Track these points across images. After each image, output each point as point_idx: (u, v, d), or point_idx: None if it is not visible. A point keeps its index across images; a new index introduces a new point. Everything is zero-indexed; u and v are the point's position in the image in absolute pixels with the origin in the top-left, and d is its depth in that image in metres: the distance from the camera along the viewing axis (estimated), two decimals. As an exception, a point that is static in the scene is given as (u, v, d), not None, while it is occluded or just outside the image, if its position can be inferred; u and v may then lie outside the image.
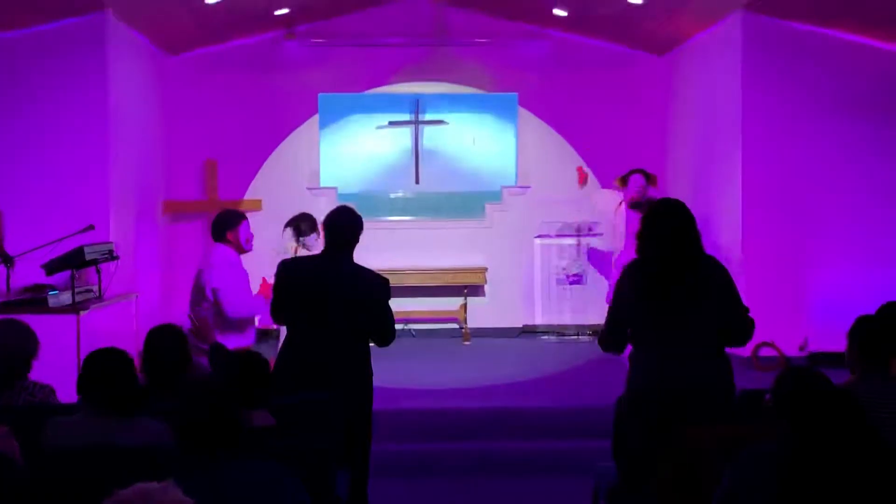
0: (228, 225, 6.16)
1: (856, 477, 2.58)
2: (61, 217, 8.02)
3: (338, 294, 4.83)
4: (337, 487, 4.17)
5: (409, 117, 11.09)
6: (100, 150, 8.56)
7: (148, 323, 7.69)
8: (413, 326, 10.90)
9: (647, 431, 4.24)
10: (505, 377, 8.34)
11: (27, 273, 7.32)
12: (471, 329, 10.68)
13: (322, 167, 10.99)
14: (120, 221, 8.76)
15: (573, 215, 10.55)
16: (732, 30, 9.05)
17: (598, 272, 10.38)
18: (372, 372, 5.03)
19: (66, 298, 6.65)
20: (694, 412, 4.10)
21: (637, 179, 8.73)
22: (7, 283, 7.10)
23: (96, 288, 7.09)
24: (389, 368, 8.53)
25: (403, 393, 7.67)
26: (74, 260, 6.76)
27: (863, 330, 4.06)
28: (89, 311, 6.63)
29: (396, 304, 10.49)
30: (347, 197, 10.69)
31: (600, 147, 11.04)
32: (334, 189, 10.89)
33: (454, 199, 11.11)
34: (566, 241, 10.63)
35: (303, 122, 11.03)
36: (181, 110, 10.73)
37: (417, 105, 11.07)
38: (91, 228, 7.54)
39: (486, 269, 10.71)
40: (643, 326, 4.44)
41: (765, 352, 8.63)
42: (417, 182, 11.12)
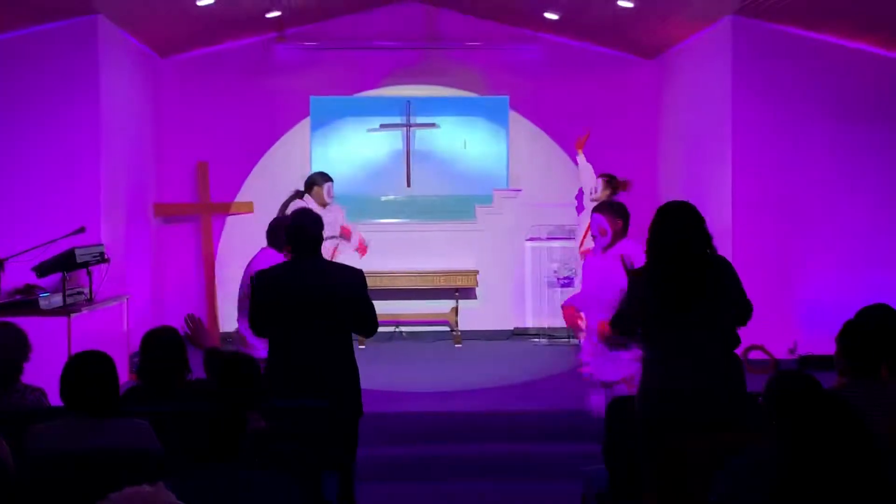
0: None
1: (848, 482, 2.59)
2: (52, 219, 8.01)
3: (316, 295, 4.84)
4: (326, 491, 4.18)
5: (401, 120, 11.10)
6: (91, 153, 8.55)
7: (139, 325, 7.72)
8: (404, 329, 10.91)
9: (650, 438, 4.21)
10: (496, 380, 8.35)
11: (18, 275, 7.32)
12: (462, 332, 10.69)
13: (313, 170, 10.96)
14: (111, 224, 8.75)
15: (564, 218, 10.57)
16: (723, 34, 9.08)
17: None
18: (358, 373, 5.05)
19: (57, 300, 6.66)
20: (711, 416, 4.09)
21: (599, 184, 8.65)
22: (-3, 286, 7.10)
23: (87, 290, 7.10)
24: (380, 371, 8.59)
25: (394, 396, 7.68)
26: (65, 262, 6.76)
27: (852, 334, 4.08)
28: (80, 314, 6.64)
29: (388, 307, 10.62)
30: (339, 199, 10.65)
31: (591, 150, 11.03)
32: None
33: (445, 202, 11.12)
34: (557, 244, 10.65)
35: (294, 125, 11.03)
36: (172, 113, 10.73)
37: (409, 108, 11.08)
38: (82, 231, 7.54)
39: (478, 272, 10.72)
40: (660, 330, 4.38)
41: (754, 355, 8.65)
42: (409, 185, 11.13)
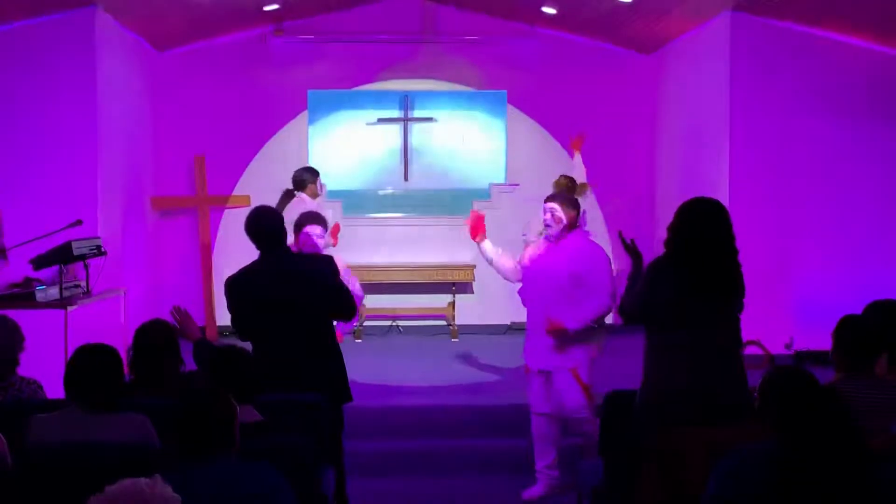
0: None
1: (839, 477, 2.60)
2: (49, 212, 8.00)
3: (289, 290, 4.85)
4: (322, 485, 4.18)
5: (399, 114, 11.09)
6: (88, 146, 8.55)
7: (135, 318, 7.71)
8: (401, 323, 10.92)
9: (645, 433, 4.18)
10: (492, 374, 8.36)
11: (15, 268, 7.31)
12: (458, 326, 10.70)
13: (310, 164, 10.95)
14: (108, 217, 8.74)
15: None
16: (721, 29, 9.08)
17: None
18: (342, 358, 5.06)
19: (54, 293, 6.64)
20: (713, 412, 4.09)
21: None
22: (-6, 278, 7.09)
23: (84, 283, 7.08)
24: (376, 365, 8.61)
25: (390, 390, 7.69)
26: (62, 255, 6.74)
27: (848, 329, 4.09)
28: (77, 307, 6.62)
29: (385, 301, 10.63)
30: (336, 194, 10.71)
31: (589, 145, 11.04)
32: (322, 186, 10.87)
33: (443, 197, 11.11)
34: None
35: (292, 119, 11.03)
36: (170, 106, 10.72)
37: (406, 102, 11.08)
38: (79, 223, 7.52)
39: (475, 267, 10.71)
40: (675, 325, 4.32)
41: (750, 350, 8.65)
42: (406, 179, 11.13)
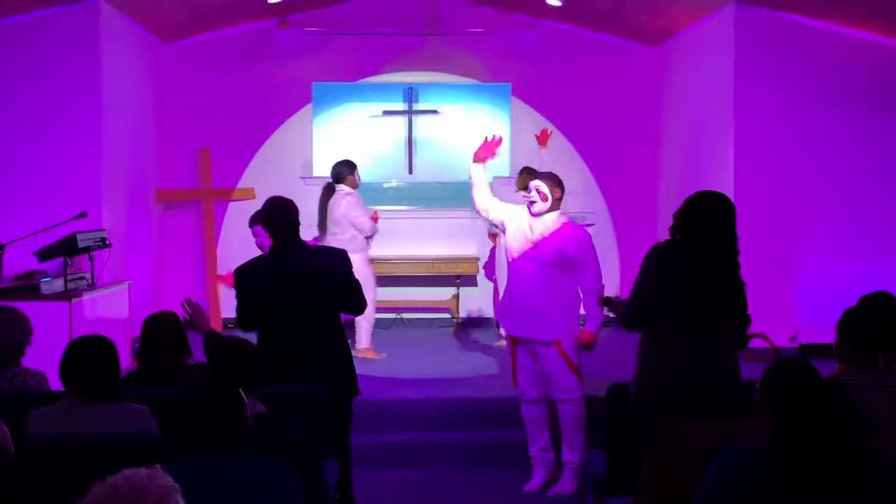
0: None
1: (839, 471, 2.59)
2: (54, 204, 8.02)
3: (302, 282, 4.84)
4: (326, 477, 4.19)
5: (403, 107, 11.08)
6: (92, 138, 8.56)
7: (140, 310, 7.74)
8: (405, 316, 10.93)
9: (646, 425, 4.19)
10: (496, 366, 8.36)
11: (20, 260, 7.33)
12: (462, 318, 10.70)
13: (315, 156, 10.98)
14: (112, 209, 8.76)
15: (566, 205, 10.53)
16: (725, 21, 9.06)
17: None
18: (351, 352, 5.06)
19: (59, 285, 6.67)
20: (716, 407, 4.08)
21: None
22: (-1, 270, 7.12)
23: (89, 275, 7.11)
24: (381, 358, 8.62)
25: (394, 382, 7.70)
26: (67, 247, 6.77)
27: (851, 322, 4.08)
28: (81, 299, 6.65)
29: (389, 293, 10.63)
30: (340, 186, 10.69)
31: (594, 137, 11.07)
32: (327, 178, 10.87)
33: (447, 189, 11.09)
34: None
35: (296, 111, 11.02)
36: (174, 98, 10.72)
37: (411, 94, 11.06)
38: (83, 216, 7.55)
39: (479, 259, 10.72)
40: (673, 318, 4.33)
41: (756, 343, 8.66)
42: (411, 172, 11.12)
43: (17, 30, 8.46)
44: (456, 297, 10.78)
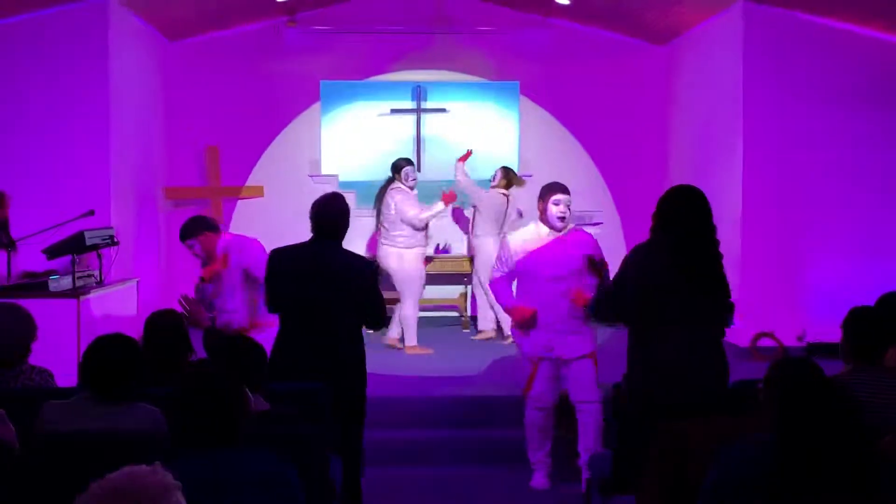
0: None
1: (840, 471, 2.58)
2: (62, 202, 8.05)
3: (329, 283, 4.85)
4: (330, 474, 4.19)
5: (411, 105, 11.08)
6: (101, 136, 8.58)
7: (148, 308, 7.71)
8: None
9: (647, 424, 4.20)
10: (504, 365, 8.35)
11: (28, 258, 7.35)
12: (471, 317, 10.69)
13: (323, 154, 11.00)
14: (121, 207, 8.78)
15: (575, 203, 10.51)
16: (734, 19, 9.04)
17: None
18: (365, 359, 5.06)
19: (67, 283, 6.67)
20: (703, 401, 4.10)
21: (498, 174, 9.62)
22: (8, 268, 7.12)
23: (97, 273, 7.11)
24: (388, 355, 8.62)
25: (402, 380, 7.69)
26: (75, 245, 6.77)
27: (857, 321, 4.07)
28: (89, 296, 6.66)
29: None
30: (349, 184, 10.69)
31: (602, 136, 11.05)
32: (335, 176, 10.89)
33: (455, 187, 11.07)
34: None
35: (305, 109, 11.04)
36: (182, 96, 10.74)
37: (419, 93, 11.06)
38: (91, 213, 7.56)
39: (487, 257, 10.71)
40: (660, 316, 4.36)
41: (764, 342, 8.65)
42: (419, 170, 11.09)
43: (26, 27, 8.49)
44: (464, 296, 10.77)
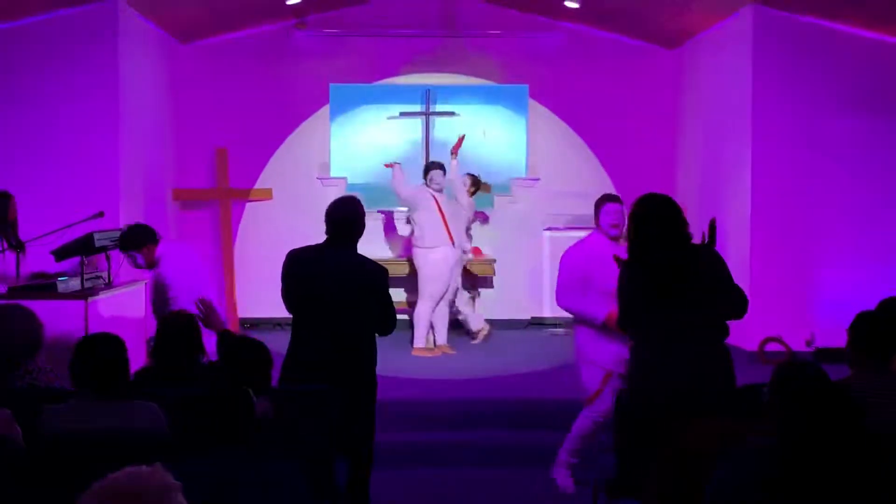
0: None
1: (844, 473, 2.58)
2: (71, 203, 8.06)
3: (341, 287, 4.85)
4: (336, 477, 4.20)
5: (420, 108, 11.09)
6: (110, 138, 8.62)
7: (155, 310, 7.74)
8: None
9: (651, 426, 4.23)
10: (513, 369, 8.36)
11: (37, 259, 7.37)
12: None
13: (332, 157, 11.02)
14: (130, 208, 8.80)
15: (582, 207, 10.52)
16: (743, 24, 9.03)
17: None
18: (376, 363, 5.05)
19: (75, 284, 6.69)
20: (701, 405, 4.10)
21: (467, 181, 9.84)
22: (17, 269, 7.14)
23: (105, 274, 7.13)
24: (397, 358, 8.62)
25: (410, 383, 7.70)
26: (84, 246, 6.79)
27: (863, 326, 4.06)
28: (98, 298, 6.67)
29: (405, 295, 10.57)
30: (357, 187, 10.70)
31: (611, 139, 11.04)
32: (344, 179, 10.91)
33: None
34: (575, 234, 10.61)
35: (314, 113, 11.05)
36: (192, 99, 10.77)
37: (428, 96, 11.07)
38: (101, 215, 7.57)
39: (495, 261, 10.71)
40: (648, 324, 4.45)
41: (772, 347, 8.63)
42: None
43: (36, 29, 8.52)
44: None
